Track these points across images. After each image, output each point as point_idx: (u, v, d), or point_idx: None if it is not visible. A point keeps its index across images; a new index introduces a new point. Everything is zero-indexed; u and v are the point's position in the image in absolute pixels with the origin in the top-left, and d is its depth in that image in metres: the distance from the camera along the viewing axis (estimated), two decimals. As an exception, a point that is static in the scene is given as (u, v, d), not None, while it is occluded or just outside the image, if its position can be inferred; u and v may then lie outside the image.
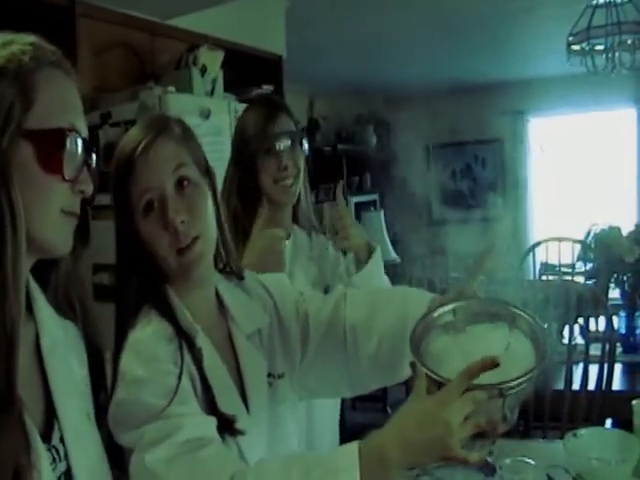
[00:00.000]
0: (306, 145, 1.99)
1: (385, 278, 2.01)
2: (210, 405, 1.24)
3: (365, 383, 1.48)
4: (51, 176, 1.00)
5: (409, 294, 1.45)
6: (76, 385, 1.13)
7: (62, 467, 1.04)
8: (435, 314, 1.20)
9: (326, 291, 1.92)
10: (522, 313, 1.17)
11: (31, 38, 1.04)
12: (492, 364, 1.02)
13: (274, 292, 1.49)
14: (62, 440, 1.05)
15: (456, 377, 1.03)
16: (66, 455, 1.05)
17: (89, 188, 1.06)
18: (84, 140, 1.05)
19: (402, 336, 1.29)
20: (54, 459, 1.03)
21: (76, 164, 1.03)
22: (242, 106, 2.76)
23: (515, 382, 1.03)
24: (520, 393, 1.05)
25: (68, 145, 1.01)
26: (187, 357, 1.25)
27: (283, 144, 1.90)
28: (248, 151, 1.88)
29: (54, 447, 1.04)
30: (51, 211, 1.01)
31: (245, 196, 1.89)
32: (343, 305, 1.45)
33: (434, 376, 1.06)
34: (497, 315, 1.18)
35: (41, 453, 0.99)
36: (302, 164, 1.96)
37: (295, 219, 2.06)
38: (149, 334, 1.24)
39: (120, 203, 1.28)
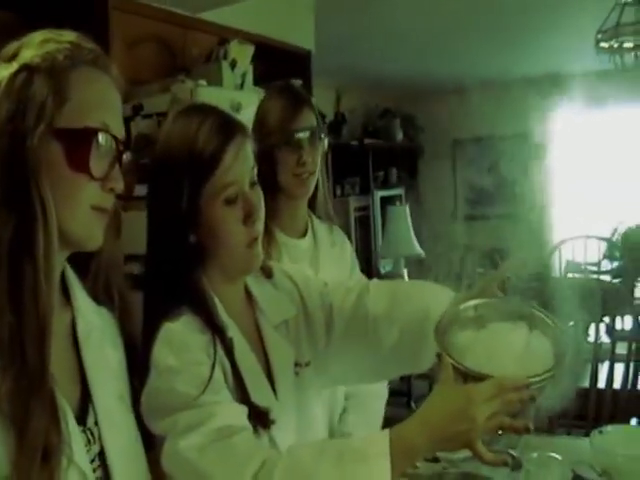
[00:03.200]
0: (326, 140, 1.97)
1: None
2: (242, 395, 1.27)
3: (387, 371, 1.53)
4: (79, 174, 1.02)
5: (429, 288, 1.48)
6: (110, 369, 1.16)
7: (96, 449, 1.08)
8: (460, 308, 1.25)
9: None
10: (541, 314, 1.21)
11: (70, 37, 1.06)
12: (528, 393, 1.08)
13: (300, 283, 1.52)
14: (96, 423, 1.09)
15: (487, 383, 1.07)
16: (100, 437, 1.08)
17: (119, 185, 1.08)
18: (115, 138, 1.06)
19: (423, 329, 1.33)
20: (89, 441, 1.07)
21: (106, 163, 1.05)
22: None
23: (535, 379, 1.08)
24: (541, 390, 1.09)
25: (96, 144, 1.03)
26: (219, 348, 1.27)
27: (304, 140, 1.87)
28: (267, 143, 1.80)
29: (89, 429, 1.08)
30: (80, 208, 1.04)
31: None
32: (366, 296, 1.48)
33: (459, 367, 1.10)
34: (517, 314, 1.21)
35: (75, 435, 1.03)
36: (320, 159, 1.94)
37: (312, 211, 2.05)
38: (182, 325, 1.26)
39: (189, 191, 1.28)
